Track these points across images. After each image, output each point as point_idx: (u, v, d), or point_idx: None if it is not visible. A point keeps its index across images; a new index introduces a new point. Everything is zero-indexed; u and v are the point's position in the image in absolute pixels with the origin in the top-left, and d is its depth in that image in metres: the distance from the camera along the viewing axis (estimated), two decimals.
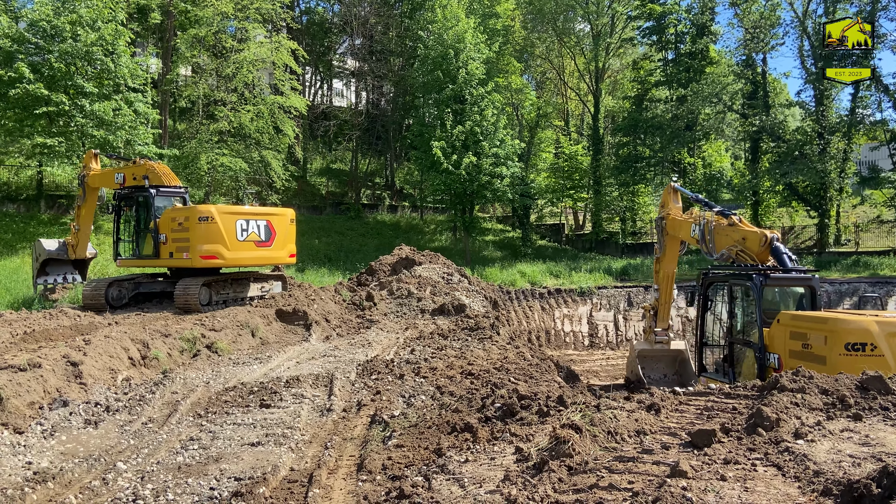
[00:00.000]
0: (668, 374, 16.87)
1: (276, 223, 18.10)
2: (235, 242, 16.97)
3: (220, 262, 17.05)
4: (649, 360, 16.89)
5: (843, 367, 8.27)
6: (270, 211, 18.82)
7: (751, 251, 12.75)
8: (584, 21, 46.55)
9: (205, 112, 35.15)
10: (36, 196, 29.70)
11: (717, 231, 13.62)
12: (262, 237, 17.64)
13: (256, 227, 17.47)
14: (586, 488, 4.64)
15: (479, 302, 21.23)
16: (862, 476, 4.17)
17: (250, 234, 17.28)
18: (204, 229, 16.61)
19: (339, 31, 47.67)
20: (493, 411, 7.49)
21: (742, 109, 40.91)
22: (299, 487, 6.41)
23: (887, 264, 29.73)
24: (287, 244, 18.60)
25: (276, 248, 18.12)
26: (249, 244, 17.30)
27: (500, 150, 35.47)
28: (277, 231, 18.10)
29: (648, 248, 43.55)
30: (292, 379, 10.79)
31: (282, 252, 18.42)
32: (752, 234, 12.92)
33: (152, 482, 6.73)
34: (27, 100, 24.04)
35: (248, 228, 17.21)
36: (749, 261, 12.74)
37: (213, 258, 16.82)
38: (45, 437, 8.10)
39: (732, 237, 13.24)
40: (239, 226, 17.05)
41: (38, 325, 13.88)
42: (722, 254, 13.38)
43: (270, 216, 18.19)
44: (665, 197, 16.65)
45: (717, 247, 13.51)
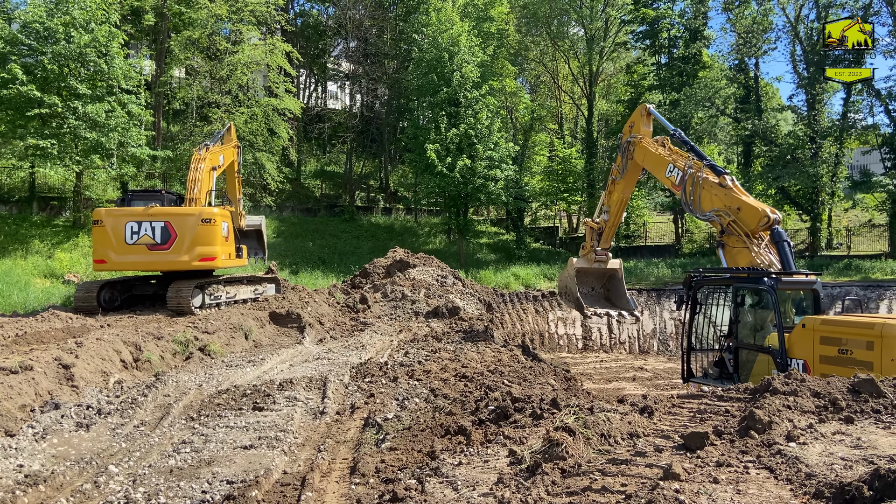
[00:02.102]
0: (596, 288, 17.53)
1: (177, 224, 16.44)
2: (123, 246, 16.21)
3: (108, 266, 16.74)
4: (584, 275, 17.25)
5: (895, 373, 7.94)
6: (172, 211, 16.94)
7: (745, 226, 11.62)
8: (577, 25, 46.72)
9: (198, 114, 35.07)
10: (28, 198, 29.55)
11: (704, 186, 12.34)
12: (158, 240, 16.34)
13: (150, 229, 16.32)
14: (579, 491, 4.64)
15: (473, 304, 21.24)
16: (854, 478, 4.18)
17: (142, 237, 16.23)
18: (98, 233, 16.36)
19: (333, 33, 47.66)
20: (487, 414, 7.48)
21: (735, 113, 41.12)
22: (292, 491, 6.39)
23: (879, 268, 29.88)
24: (195, 246, 16.50)
25: (175, 251, 16.40)
26: (140, 248, 16.27)
27: (494, 152, 35.54)
28: (179, 232, 16.43)
29: (642, 251, 43.70)
30: (285, 381, 10.77)
31: (184, 256, 16.46)
32: (750, 209, 11.68)
33: (144, 485, 6.70)
34: (20, 101, 23.93)
35: (139, 231, 16.23)
36: (736, 235, 11.68)
37: (103, 262, 16.60)
38: (36, 439, 8.05)
39: (724, 201, 11.98)
40: (129, 228, 16.21)
41: (30, 328, 13.80)
42: (708, 215, 12.21)
43: (171, 216, 16.59)
44: (636, 117, 15.35)
45: (702, 205, 12.30)
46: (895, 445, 5.19)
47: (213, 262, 16.77)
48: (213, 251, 16.57)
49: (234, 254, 18.17)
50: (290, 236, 36.87)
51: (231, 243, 17.72)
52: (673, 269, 33.54)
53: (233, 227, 17.85)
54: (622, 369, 22.89)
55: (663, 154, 14.07)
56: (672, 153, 13.95)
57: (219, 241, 16.67)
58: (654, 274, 32.15)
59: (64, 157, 24.77)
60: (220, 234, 16.69)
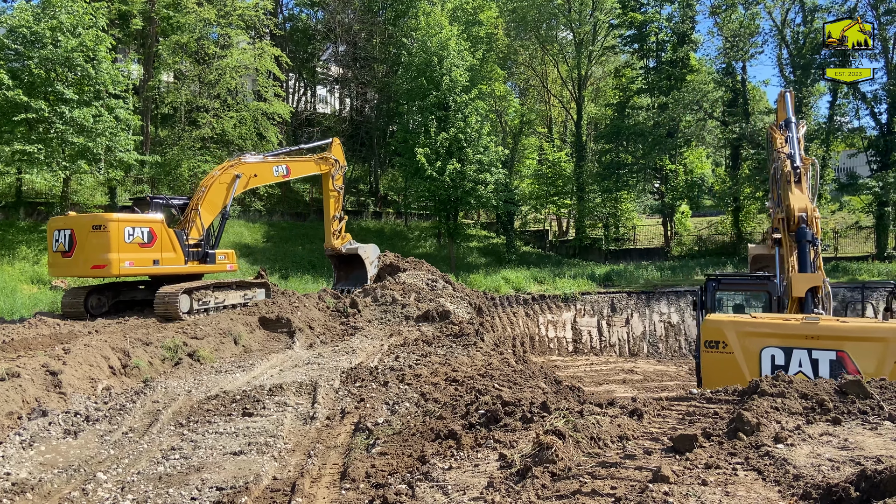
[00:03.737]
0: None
1: (78, 232, 16.05)
2: (51, 254, 16.54)
3: (51, 272, 17.44)
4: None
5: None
6: (74, 219, 16.54)
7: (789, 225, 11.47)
8: (566, 29, 46.95)
9: (187, 118, 34.94)
10: (15, 203, 29.32)
11: (783, 182, 11.95)
12: (66, 248, 16.13)
13: (63, 237, 16.15)
14: (569, 494, 4.65)
15: (464, 308, 21.25)
16: (841, 479, 4.22)
17: (59, 245, 16.21)
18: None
19: (322, 37, 47.63)
20: (477, 418, 7.49)
21: (722, 117, 41.41)
22: (282, 496, 6.37)
23: (866, 269, 30.17)
24: (92, 254, 15.87)
25: (75, 259, 15.99)
26: (56, 256, 16.35)
27: (483, 156, 35.62)
28: (79, 240, 16.01)
29: (631, 254, 43.87)
30: (275, 387, 10.73)
31: (81, 265, 16.00)
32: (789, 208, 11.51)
33: (133, 492, 6.65)
34: (6, 106, 23.74)
35: (59, 239, 16.20)
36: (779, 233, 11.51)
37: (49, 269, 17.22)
38: (23, 447, 7.98)
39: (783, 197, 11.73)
40: (55, 236, 16.33)
41: (17, 334, 13.68)
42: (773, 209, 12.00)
43: (75, 224, 16.23)
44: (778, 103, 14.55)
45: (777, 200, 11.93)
46: (882, 446, 5.24)
47: (103, 269, 15.98)
48: (103, 258, 15.77)
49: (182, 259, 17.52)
50: (280, 241, 36.77)
51: (160, 249, 16.94)
52: (662, 271, 33.70)
53: (170, 232, 17.14)
54: (612, 372, 23.00)
55: (780, 146, 13.71)
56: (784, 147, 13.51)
57: (115, 248, 15.89)
58: (643, 277, 32.30)
59: (51, 163, 24.59)
60: (115, 240, 15.91)
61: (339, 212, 23.56)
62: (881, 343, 8.30)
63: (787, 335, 8.92)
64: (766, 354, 8.96)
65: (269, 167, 20.63)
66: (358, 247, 23.72)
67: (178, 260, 17.47)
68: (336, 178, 23.18)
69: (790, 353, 8.80)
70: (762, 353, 8.99)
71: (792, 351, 8.80)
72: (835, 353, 8.54)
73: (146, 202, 18.14)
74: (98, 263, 15.87)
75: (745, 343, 9.19)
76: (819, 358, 8.62)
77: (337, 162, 23.24)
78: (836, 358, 8.51)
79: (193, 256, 17.98)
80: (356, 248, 23.57)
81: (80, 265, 16.07)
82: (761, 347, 9.01)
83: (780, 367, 8.72)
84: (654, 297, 28.45)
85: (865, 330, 8.65)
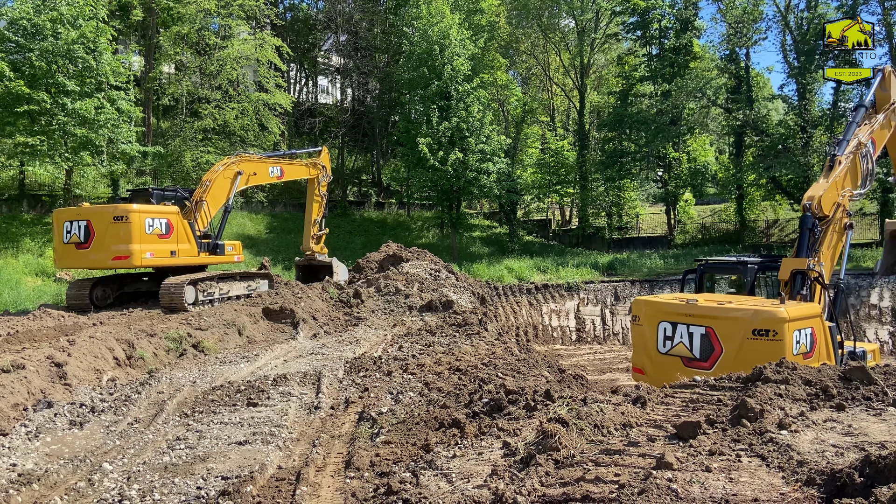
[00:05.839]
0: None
1: (95, 223, 16.22)
2: (62, 245, 16.58)
3: (57, 264, 17.82)
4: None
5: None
6: (91, 210, 16.82)
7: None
8: (568, 17, 46.67)
9: (189, 110, 34.90)
10: (18, 196, 29.37)
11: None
12: (82, 239, 16.26)
13: (77, 228, 16.30)
14: (573, 481, 4.66)
15: (467, 298, 21.25)
16: (845, 465, 4.21)
17: (72, 237, 16.33)
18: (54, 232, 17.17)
19: (323, 27, 47.45)
20: (481, 406, 7.50)
21: (726, 104, 41.20)
22: (287, 485, 6.40)
23: (870, 256, 30.05)
24: (109, 244, 16.07)
25: (94, 250, 16.15)
26: (70, 247, 16.44)
27: (486, 146, 35.52)
28: (97, 231, 16.17)
29: (635, 243, 43.81)
30: (280, 377, 10.76)
31: (100, 254, 16.13)
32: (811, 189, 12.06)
33: (139, 482, 6.68)
34: (8, 98, 23.74)
35: (71, 230, 16.33)
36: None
37: (56, 261, 17.63)
38: (29, 438, 8.03)
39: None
40: (65, 228, 16.42)
41: (22, 327, 13.74)
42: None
43: (91, 215, 16.43)
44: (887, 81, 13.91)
45: None
46: (886, 432, 5.23)
47: (126, 260, 16.22)
48: (126, 249, 16.01)
49: (195, 250, 17.85)
50: (283, 232, 36.79)
51: (176, 240, 17.20)
52: (665, 259, 33.62)
53: (185, 223, 17.40)
54: (615, 360, 23.00)
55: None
56: None
57: (137, 238, 16.13)
58: (646, 265, 32.24)
59: (53, 155, 24.62)
60: (137, 231, 16.14)
61: (320, 217, 23.80)
62: (737, 322, 9.54)
63: (674, 313, 10.32)
64: (661, 328, 10.43)
65: (266, 167, 21.01)
66: (333, 259, 23.89)
67: (192, 251, 17.79)
68: (321, 185, 23.45)
69: (676, 327, 10.19)
70: (659, 326, 10.46)
71: (677, 325, 10.18)
72: (704, 329, 9.80)
73: (144, 194, 18.16)
74: (120, 255, 16.08)
75: (649, 318, 10.74)
76: (694, 332, 9.92)
77: (324, 168, 23.53)
78: (705, 332, 9.78)
79: (204, 248, 18.24)
80: (331, 261, 23.71)
81: (99, 256, 16.15)
82: (658, 321, 10.49)
83: (669, 338, 10.25)
84: (658, 285, 28.39)
85: (727, 311, 9.82)
